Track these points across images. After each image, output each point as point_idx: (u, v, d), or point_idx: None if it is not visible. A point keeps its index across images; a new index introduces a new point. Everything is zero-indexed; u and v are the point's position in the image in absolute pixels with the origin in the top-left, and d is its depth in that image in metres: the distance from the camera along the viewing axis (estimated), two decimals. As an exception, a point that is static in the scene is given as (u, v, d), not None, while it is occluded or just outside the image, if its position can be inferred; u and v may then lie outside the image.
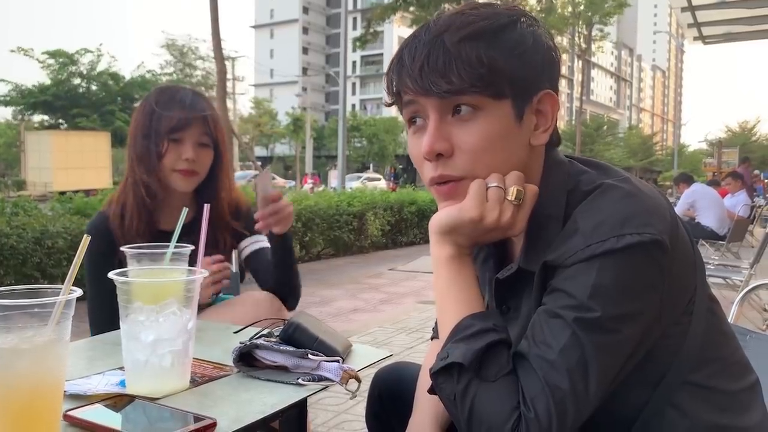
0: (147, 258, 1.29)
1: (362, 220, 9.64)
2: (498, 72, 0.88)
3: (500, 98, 0.90)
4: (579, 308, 0.84)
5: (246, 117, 55.23)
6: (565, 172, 0.98)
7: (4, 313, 0.80)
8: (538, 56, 0.93)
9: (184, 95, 1.75)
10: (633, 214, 0.86)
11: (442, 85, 0.88)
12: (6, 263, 5.09)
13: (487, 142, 0.90)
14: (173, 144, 1.70)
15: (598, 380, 0.84)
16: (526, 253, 0.97)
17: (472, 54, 0.88)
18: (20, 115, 36.17)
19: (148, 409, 0.96)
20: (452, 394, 0.87)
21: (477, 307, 0.94)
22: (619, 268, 0.84)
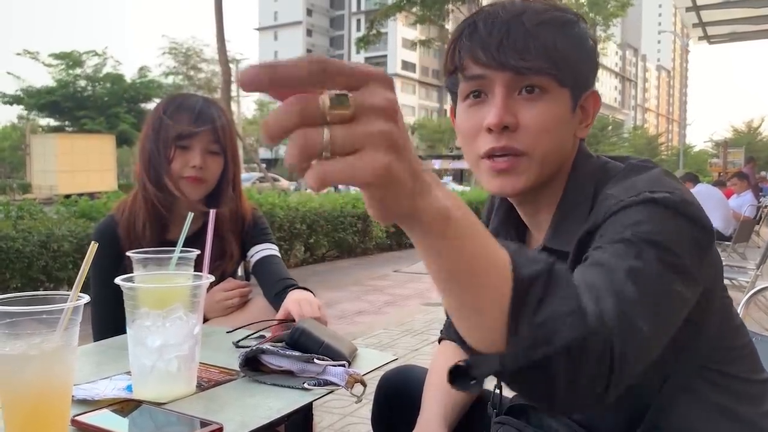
0: (153, 263, 1.29)
1: (367, 222, 9.64)
2: (568, 60, 0.93)
3: (564, 86, 0.94)
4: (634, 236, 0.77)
5: (251, 119, 55.33)
6: (593, 164, 1.01)
7: (12, 320, 0.81)
8: (593, 56, 1.00)
9: (194, 102, 1.74)
10: (664, 182, 0.87)
11: (519, 62, 0.91)
12: (12, 266, 5.11)
13: (550, 123, 0.94)
14: (181, 151, 1.69)
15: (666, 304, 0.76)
16: (553, 234, 0.98)
17: (549, 38, 0.92)
18: (26, 116, 36.32)
19: (155, 414, 0.96)
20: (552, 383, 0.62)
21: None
22: (653, 209, 0.81)
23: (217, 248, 1.70)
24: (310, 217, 8.39)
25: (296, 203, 8.48)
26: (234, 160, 1.78)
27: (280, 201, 8.15)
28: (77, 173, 24.89)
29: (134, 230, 1.69)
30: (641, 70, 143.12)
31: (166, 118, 1.69)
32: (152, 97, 34.29)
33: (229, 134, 1.75)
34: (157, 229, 1.71)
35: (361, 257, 9.54)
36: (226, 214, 1.77)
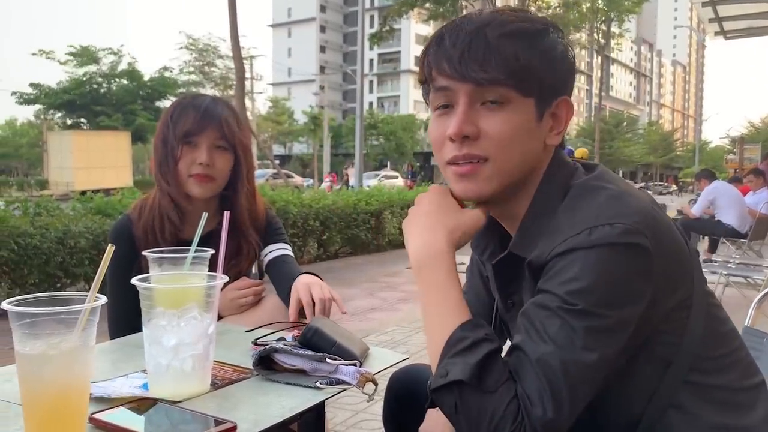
0: (168, 262, 1.32)
1: (379, 219, 9.66)
2: (530, 71, 0.95)
3: (527, 96, 0.96)
4: (562, 302, 0.87)
5: (264, 115, 55.50)
6: (566, 173, 1.02)
7: (32, 320, 0.83)
8: (563, 65, 1.00)
9: (201, 101, 1.76)
10: (608, 209, 0.91)
11: (479, 74, 0.94)
12: (30, 262, 5.18)
13: (511, 132, 0.96)
14: (188, 148, 1.70)
15: (593, 365, 0.86)
16: (517, 240, 1.02)
17: (510, 50, 0.94)
18: (43, 114, 36.71)
19: (170, 412, 0.98)
20: (454, 407, 0.88)
21: (463, 313, 0.95)
22: (592, 258, 0.87)
23: (232, 247, 1.72)
24: (324, 213, 8.41)
25: (310, 200, 8.51)
26: (245, 158, 1.79)
27: (293, 198, 8.18)
28: (93, 170, 25.10)
29: (150, 230, 1.71)
30: (656, 66, 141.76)
31: (174, 118, 1.71)
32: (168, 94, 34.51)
33: (238, 131, 1.76)
34: (172, 229, 1.73)
35: (374, 254, 9.56)
36: (243, 213, 1.79)
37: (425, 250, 0.97)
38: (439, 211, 1.01)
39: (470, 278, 1.32)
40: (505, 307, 1.12)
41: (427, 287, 0.97)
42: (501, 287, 1.10)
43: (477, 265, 1.28)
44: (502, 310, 1.14)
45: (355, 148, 18.32)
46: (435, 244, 0.97)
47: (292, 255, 1.89)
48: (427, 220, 1.01)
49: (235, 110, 1.84)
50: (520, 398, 0.84)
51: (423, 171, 34.67)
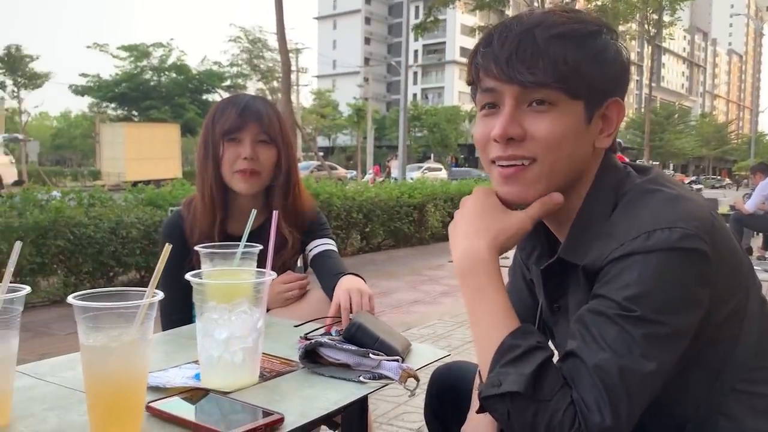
0: (219, 257, 1.37)
1: (422, 212, 9.67)
2: (579, 74, 0.94)
3: (575, 98, 0.95)
4: (619, 309, 0.86)
5: (309, 108, 55.92)
6: (617, 177, 1.01)
7: (94, 314, 0.89)
8: (614, 66, 0.98)
9: (241, 99, 1.82)
10: (666, 212, 0.89)
11: (526, 76, 0.93)
12: (84, 252, 5.37)
13: (558, 135, 0.95)
14: (231, 144, 1.75)
15: (651, 374, 0.85)
16: (568, 246, 1.01)
17: (559, 52, 0.93)
18: (96, 106, 37.80)
19: (221, 403, 1.03)
20: (506, 415, 0.88)
21: (512, 320, 0.95)
22: (650, 263, 0.86)
23: (278, 240, 1.76)
24: (367, 206, 8.47)
25: (353, 192, 8.58)
26: (288, 152, 1.83)
27: (337, 190, 8.26)
28: (144, 161, 25.69)
29: (198, 227, 1.78)
30: (711, 55, 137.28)
31: (216, 118, 1.77)
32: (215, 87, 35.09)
33: (279, 126, 1.80)
34: (219, 225, 1.78)
35: (416, 247, 9.57)
36: (287, 207, 1.83)
37: (467, 258, 0.97)
38: (483, 214, 1.00)
39: (513, 279, 1.32)
40: (550, 311, 1.11)
41: (471, 294, 0.97)
42: (548, 292, 1.10)
43: (520, 267, 1.28)
44: (547, 313, 1.14)
45: (399, 140, 18.32)
46: (477, 252, 0.97)
47: (336, 250, 1.93)
48: (470, 225, 1.00)
49: (274, 106, 1.89)
50: (576, 405, 0.84)
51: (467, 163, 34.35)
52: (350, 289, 1.57)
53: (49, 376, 1.14)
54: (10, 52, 33.69)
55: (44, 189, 6.22)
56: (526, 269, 1.25)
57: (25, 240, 4.94)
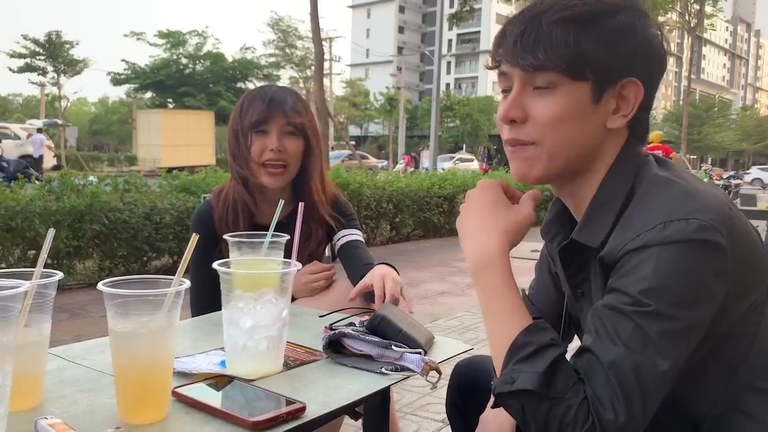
0: (247, 246, 1.39)
1: (452, 203, 9.64)
2: (581, 56, 0.94)
3: (579, 80, 0.95)
4: (634, 303, 0.86)
5: (341, 97, 56.02)
6: (637, 163, 1.00)
7: (123, 300, 0.91)
8: (630, 46, 0.97)
9: (267, 90, 1.84)
10: (683, 204, 0.89)
11: (528, 59, 0.96)
12: (119, 236, 5.49)
13: (557, 117, 0.96)
14: (258, 136, 1.78)
15: (666, 371, 0.85)
16: (581, 227, 1.02)
17: (561, 36, 0.94)
18: (133, 93, 38.43)
19: (245, 390, 1.04)
20: (520, 411, 0.89)
21: (525, 317, 0.95)
22: (666, 256, 0.85)
23: (305, 231, 1.78)
24: (397, 196, 8.48)
25: (383, 183, 8.59)
26: (315, 143, 1.85)
27: (367, 180, 8.28)
28: (178, 147, 26.05)
29: (226, 217, 1.81)
30: (754, 47, 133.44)
31: (243, 111, 1.80)
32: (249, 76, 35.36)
33: (306, 117, 1.82)
34: (247, 215, 1.81)
35: (446, 238, 9.55)
36: (314, 197, 1.85)
37: (479, 257, 0.98)
38: (491, 210, 1.02)
39: (539, 276, 1.32)
40: (574, 297, 1.12)
41: (484, 292, 0.98)
42: (569, 276, 1.11)
43: (547, 262, 1.28)
44: (572, 300, 1.14)
45: (430, 130, 18.26)
46: (488, 250, 0.98)
47: (363, 241, 1.94)
48: (479, 222, 1.01)
49: (301, 97, 1.91)
50: (590, 401, 0.84)
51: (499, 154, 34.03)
52: (385, 276, 1.59)
53: (81, 359, 1.18)
54: (50, 38, 34.36)
55: (81, 174, 6.36)
56: (551, 261, 1.25)
57: (62, 224, 5.07)
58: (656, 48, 0.99)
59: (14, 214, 4.83)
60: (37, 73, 35.27)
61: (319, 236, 1.89)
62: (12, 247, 4.96)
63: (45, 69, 35.34)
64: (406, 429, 2.58)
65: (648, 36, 0.98)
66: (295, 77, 42.05)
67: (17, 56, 34.36)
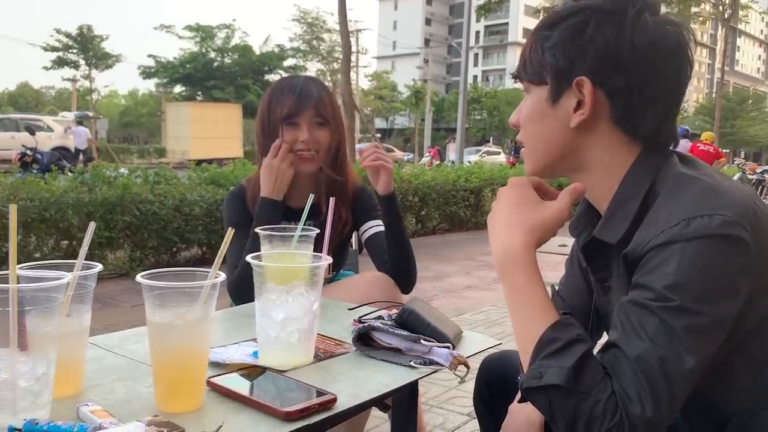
0: (278, 239, 1.41)
1: (479, 196, 9.60)
2: (537, 61, 1.02)
3: (540, 84, 1.03)
4: (659, 299, 0.86)
5: (367, 89, 56.01)
6: (658, 160, 1.00)
7: (161, 292, 0.94)
8: (579, 44, 0.97)
9: (296, 83, 1.90)
10: (707, 199, 0.89)
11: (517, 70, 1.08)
12: (149, 227, 5.58)
13: (526, 118, 1.07)
14: (289, 128, 1.84)
15: (691, 364, 0.85)
16: (601, 225, 1.03)
17: (527, 48, 1.05)
18: (162, 86, 38.89)
19: (277, 381, 1.07)
20: (548, 405, 0.90)
21: (551, 313, 0.95)
22: (689, 251, 0.86)
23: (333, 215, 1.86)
24: (423, 190, 8.47)
25: (409, 176, 8.58)
26: (338, 131, 1.92)
27: (393, 173, 8.28)
28: (207, 140, 26.32)
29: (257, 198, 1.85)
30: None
31: (273, 103, 1.86)
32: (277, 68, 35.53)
33: (332, 107, 1.90)
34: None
35: (472, 231, 9.53)
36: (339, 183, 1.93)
37: (505, 254, 0.99)
38: (519, 207, 1.02)
39: (569, 271, 1.32)
40: (602, 291, 1.13)
41: (510, 289, 0.98)
42: (595, 271, 1.12)
43: (577, 257, 1.28)
44: (599, 295, 1.15)
45: (457, 122, 18.18)
46: (513, 247, 0.98)
47: None
48: (506, 219, 1.02)
49: (327, 87, 1.97)
50: (617, 396, 0.85)
51: (527, 147, 33.73)
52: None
53: (118, 348, 1.21)
54: (82, 32, 34.92)
55: (112, 166, 6.47)
56: (582, 257, 1.25)
57: (94, 215, 5.17)
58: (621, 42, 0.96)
59: (48, 205, 4.94)
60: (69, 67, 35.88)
61: (345, 218, 1.95)
62: (46, 237, 5.07)
63: (77, 63, 35.92)
64: (432, 422, 2.60)
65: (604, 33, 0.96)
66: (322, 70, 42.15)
67: (50, 49, 34.98)
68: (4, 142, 18.84)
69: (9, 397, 0.85)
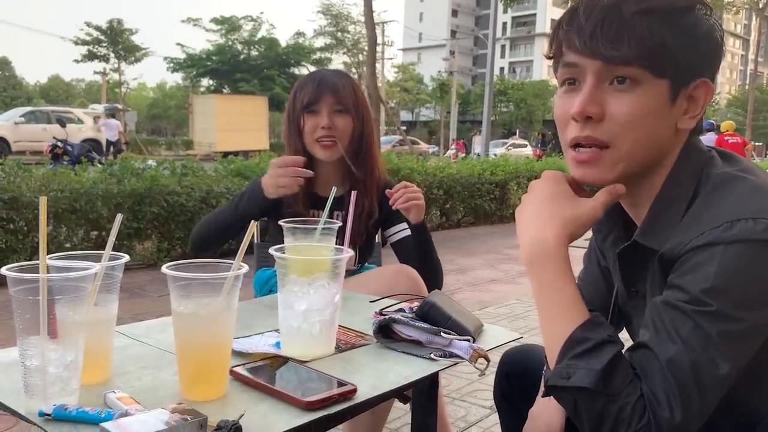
0: (301, 232, 1.43)
1: (504, 189, 9.55)
2: (665, 51, 0.90)
3: (660, 77, 0.91)
4: (695, 303, 0.84)
5: (392, 81, 55.89)
6: (700, 161, 0.98)
7: (186, 283, 0.96)
8: (705, 44, 0.94)
9: (318, 74, 1.99)
10: (751, 202, 0.86)
11: (610, 52, 0.90)
12: (176, 219, 5.66)
13: (638, 115, 0.92)
14: (310, 116, 1.92)
15: (725, 371, 0.83)
16: (644, 230, 0.99)
17: (645, 28, 0.89)
18: (189, 79, 39.27)
19: (299, 371, 1.08)
20: (573, 405, 0.88)
21: (581, 312, 0.93)
22: (731, 255, 0.83)
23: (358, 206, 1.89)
24: (447, 182, 8.45)
25: (434, 168, 8.56)
26: (361, 120, 1.96)
27: (418, 166, 8.27)
28: (233, 132, 26.54)
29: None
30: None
31: (297, 94, 1.95)
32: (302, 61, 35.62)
33: (354, 96, 1.95)
34: (305, 185, 1.90)
35: (497, 224, 9.49)
36: (364, 174, 1.97)
37: (535, 248, 0.95)
38: (552, 202, 0.97)
39: (587, 266, 1.31)
40: (628, 296, 1.10)
41: (539, 284, 0.95)
42: (624, 276, 1.08)
43: (595, 252, 1.27)
44: (624, 298, 1.12)
45: (483, 115, 18.07)
46: (545, 242, 0.94)
47: None
48: (539, 213, 0.97)
49: (350, 78, 2.04)
50: (646, 398, 0.83)
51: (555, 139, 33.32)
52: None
53: (144, 337, 1.24)
54: (112, 25, 35.39)
55: (141, 158, 6.57)
56: (600, 255, 1.24)
57: (122, 206, 5.26)
58: (721, 45, 0.96)
59: (78, 196, 5.03)
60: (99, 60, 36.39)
61: (369, 209, 1.98)
62: (76, 227, 5.17)
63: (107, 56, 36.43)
64: (454, 414, 2.61)
65: (717, 34, 0.95)
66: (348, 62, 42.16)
67: (81, 43, 35.51)
68: (36, 134, 19.22)
69: (39, 383, 0.88)
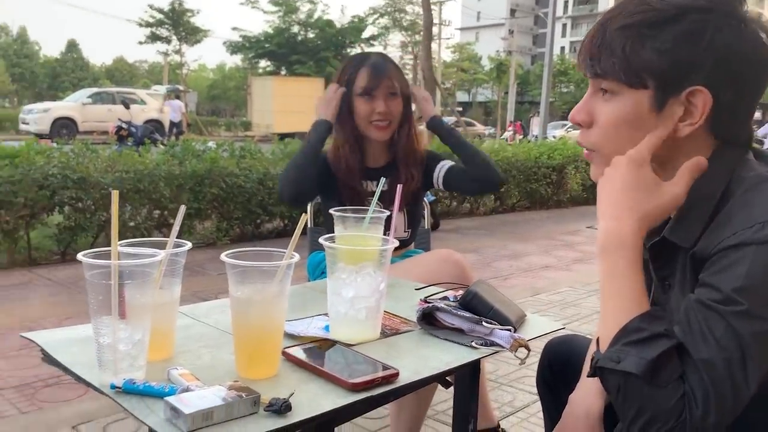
0: (351, 221, 1.49)
1: (562, 174, 9.40)
2: (641, 64, 0.94)
3: (638, 88, 0.96)
4: (727, 302, 0.85)
5: (449, 62, 55.33)
6: (733, 159, 0.98)
7: (242, 270, 1.03)
8: (696, 52, 0.93)
9: (370, 59, 2.14)
10: None
11: (589, 67, 1.00)
12: (235, 200, 5.84)
13: (615, 123, 0.99)
14: (366, 100, 2.09)
15: (756, 368, 0.85)
16: (673, 226, 1.01)
17: (618, 44, 0.95)
18: (248, 60, 39.84)
19: (346, 354, 1.15)
20: (616, 389, 0.90)
21: (643, 304, 0.94)
22: (762, 255, 0.84)
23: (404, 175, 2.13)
24: (503, 166, 8.36)
25: (489, 151, 8.51)
26: (407, 100, 2.17)
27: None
28: (290, 113, 26.83)
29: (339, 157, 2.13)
30: None
31: (350, 77, 2.11)
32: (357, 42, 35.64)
33: (403, 80, 2.15)
34: (355, 154, 2.12)
35: (553, 210, 9.38)
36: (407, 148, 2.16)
37: (609, 236, 0.96)
38: (634, 192, 0.96)
39: None
40: (662, 289, 1.11)
41: (608, 272, 0.96)
42: (657, 269, 1.10)
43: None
44: (658, 290, 1.14)
45: (542, 96, 17.75)
46: (621, 236, 0.95)
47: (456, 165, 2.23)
48: (617, 203, 0.97)
49: (394, 61, 2.21)
50: (686, 397, 0.85)
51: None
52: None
53: (204, 318, 1.33)
54: (173, 7, 36.16)
55: (201, 139, 6.77)
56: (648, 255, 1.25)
57: (183, 187, 5.46)
58: (726, 51, 0.93)
59: (142, 177, 5.25)
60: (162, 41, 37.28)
61: (416, 177, 2.16)
62: (140, 207, 5.40)
63: (169, 37, 37.28)
64: (502, 399, 2.65)
65: (723, 39, 0.92)
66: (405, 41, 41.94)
67: (145, 25, 36.43)
68: (102, 115, 19.96)
69: (111, 359, 0.97)
